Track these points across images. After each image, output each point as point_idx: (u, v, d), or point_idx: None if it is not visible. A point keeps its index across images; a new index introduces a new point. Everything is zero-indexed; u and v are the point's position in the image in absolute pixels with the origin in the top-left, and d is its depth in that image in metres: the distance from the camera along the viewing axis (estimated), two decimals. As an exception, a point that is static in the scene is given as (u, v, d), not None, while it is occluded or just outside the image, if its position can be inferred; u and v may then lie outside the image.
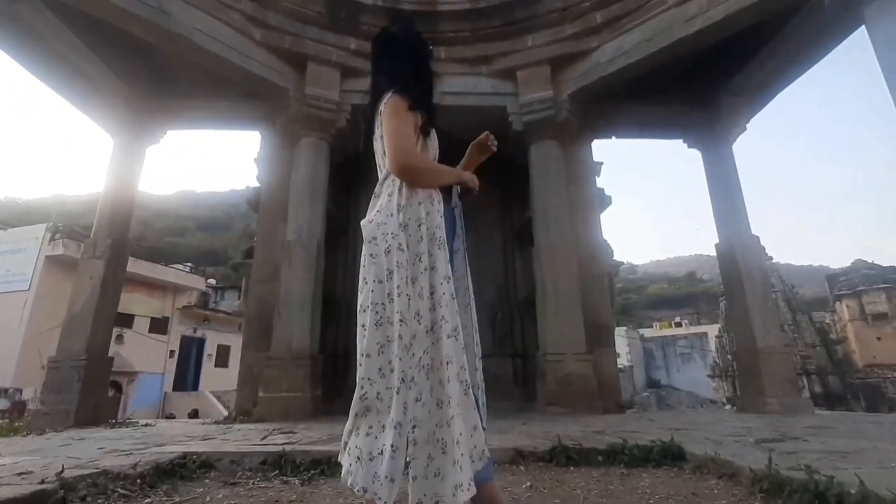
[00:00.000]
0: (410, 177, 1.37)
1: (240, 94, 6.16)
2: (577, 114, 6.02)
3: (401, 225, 1.33)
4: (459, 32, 6.04)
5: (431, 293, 1.28)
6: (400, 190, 1.37)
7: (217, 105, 6.37)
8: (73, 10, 4.96)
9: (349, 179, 6.86)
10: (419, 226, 1.33)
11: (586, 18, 5.68)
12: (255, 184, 6.70)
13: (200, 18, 5.17)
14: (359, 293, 1.38)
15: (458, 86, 5.92)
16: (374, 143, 1.51)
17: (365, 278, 1.36)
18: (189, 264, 26.22)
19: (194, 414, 17.50)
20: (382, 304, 1.31)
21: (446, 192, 1.48)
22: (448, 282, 1.29)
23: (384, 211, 1.38)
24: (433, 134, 1.54)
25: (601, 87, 5.77)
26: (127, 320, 18.71)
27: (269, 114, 6.17)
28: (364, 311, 1.33)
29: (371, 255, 1.37)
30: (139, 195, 6.55)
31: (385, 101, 1.42)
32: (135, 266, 16.70)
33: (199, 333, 22.44)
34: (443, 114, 2.35)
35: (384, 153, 1.43)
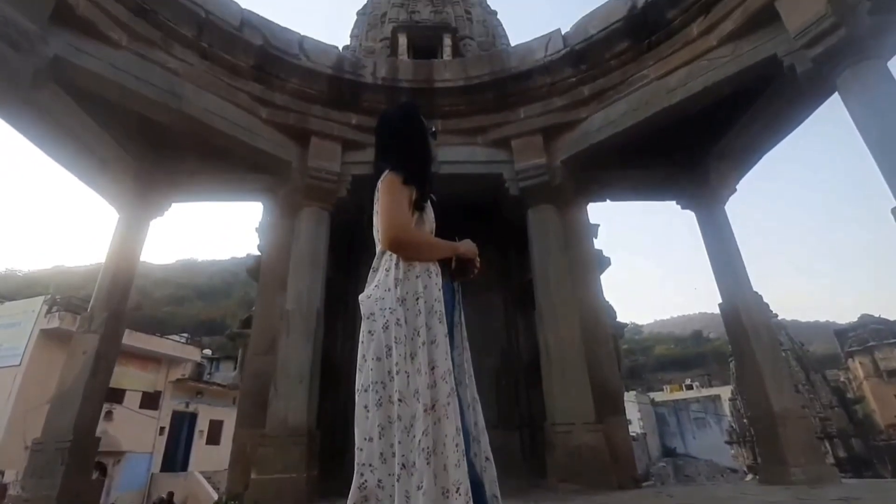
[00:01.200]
0: (403, 251, 1.37)
1: (244, 168, 6.38)
2: (571, 179, 6.21)
3: (399, 299, 1.31)
4: (455, 106, 6.39)
5: (431, 369, 1.24)
6: (397, 264, 1.37)
7: (222, 178, 6.58)
8: (90, 94, 5.27)
9: (349, 246, 6.93)
10: (417, 300, 1.32)
11: (574, 92, 6.03)
12: (256, 252, 6.76)
13: (211, 100, 5.48)
14: (357, 372, 1.33)
15: (455, 155, 6.15)
16: (374, 219, 1.54)
17: (364, 356, 1.32)
18: (185, 335, 25.83)
19: (169, 499, 16.20)
20: (383, 382, 1.26)
21: (445, 264, 1.48)
22: (447, 357, 1.25)
23: (382, 286, 1.37)
24: (429, 208, 1.57)
25: (593, 154, 6.00)
26: (118, 395, 18.07)
27: (273, 185, 6.36)
28: (365, 390, 1.28)
29: (369, 331, 1.34)
30: (140, 265, 6.58)
31: (382, 178, 1.47)
32: (130, 338, 16.43)
33: (191, 408, 21.58)
34: (441, 182, 2.42)
35: (377, 230, 1.45)
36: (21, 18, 4.31)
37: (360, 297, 1.42)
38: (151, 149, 6.53)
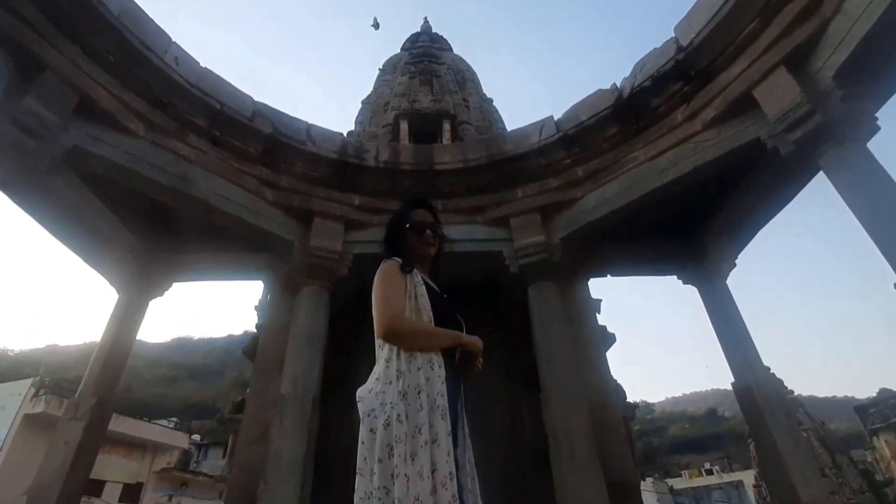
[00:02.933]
0: (399, 341, 1.34)
1: (247, 247, 6.47)
2: (571, 255, 6.26)
3: (400, 393, 1.25)
4: (455, 187, 6.61)
5: (433, 471, 1.14)
6: (398, 355, 1.33)
7: (224, 257, 6.65)
8: (103, 179, 5.47)
9: (349, 327, 6.81)
10: (419, 393, 1.25)
11: (568, 173, 6.27)
12: (253, 329, 6.67)
13: (219, 184, 5.68)
14: (357, 476, 1.23)
15: (455, 234, 6.25)
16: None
17: (366, 458, 1.23)
18: (174, 419, 24.67)
19: None
20: (386, 487, 1.16)
21: (449, 355, 1.43)
22: (449, 457, 1.17)
23: (383, 378, 1.32)
24: (425, 293, 1.55)
25: (590, 231, 6.10)
26: (96, 488, 16.88)
27: (274, 264, 6.41)
28: (368, 498, 1.17)
29: (371, 429, 1.26)
30: (134, 345, 6.45)
31: (383, 262, 1.49)
32: (116, 423, 15.65)
33: (174, 502, 20.03)
34: (442, 261, 2.42)
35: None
36: (46, 112, 4.57)
37: (359, 392, 1.35)
38: (156, 229, 6.66)
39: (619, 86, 5.97)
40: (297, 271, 6.06)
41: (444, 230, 1.92)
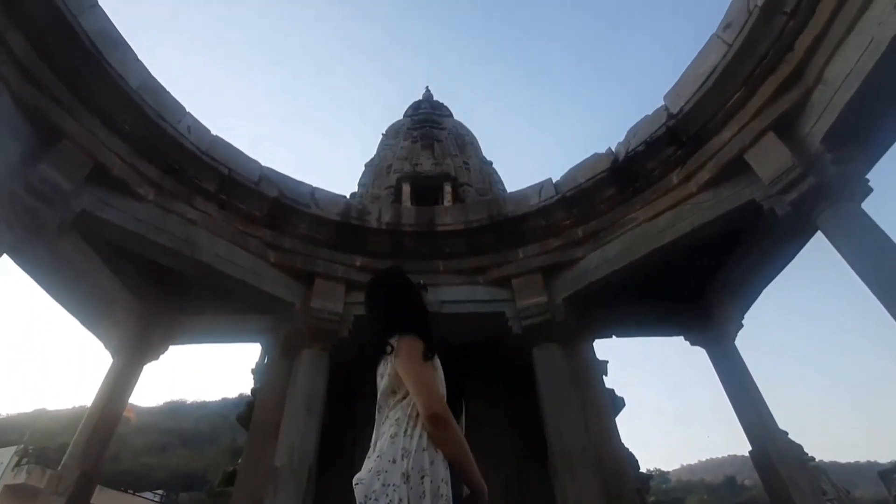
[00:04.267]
0: (440, 430, 1.28)
1: (247, 309, 6.42)
2: (575, 316, 6.18)
3: (403, 475, 1.17)
4: (456, 248, 6.66)
5: None
6: (405, 432, 1.26)
7: (223, 319, 6.58)
8: (109, 242, 5.53)
9: (348, 391, 6.61)
10: (422, 478, 1.17)
11: (569, 233, 6.34)
12: (248, 393, 6.46)
13: (223, 246, 5.73)
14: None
15: (457, 295, 6.22)
16: (378, 380, 1.48)
17: None
18: (160, 492, 23.34)
19: None
20: None
21: (458, 481, 1.37)
22: None
23: (385, 456, 1.24)
24: (443, 379, 1.52)
25: (593, 291, 6.07)
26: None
27: (274, 326, 6.33)
28: None
29: None
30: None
31: (396, 340, 1.45)
32: (99, 496, 14.77)
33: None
34: (445, 322, 2.38)
35: (390, 392, 1.40)
36: (59, 178, 4.69)
37: (357, 476, 1.26)
38: (157, 291, 6.64)
39: (614, 150, 6.18)
40: (297, 333, 5.97)
41: (446, 291, 1.89)
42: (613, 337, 6.99)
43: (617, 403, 6.22)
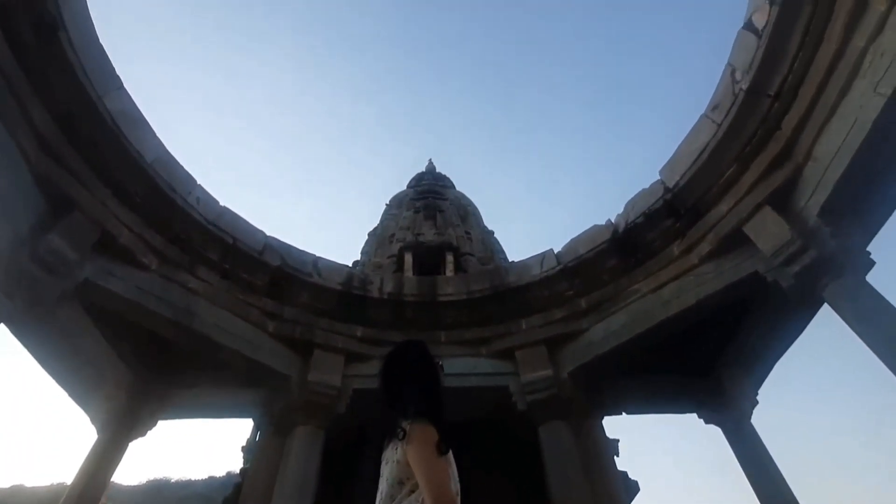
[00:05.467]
0: None
1: (242, 381, 6.21)
2: (582, 391, 5.95)
3: None
4: (458, 318, 6.58)
5: None
6: None
7: (216, 393, 6.35)
8: (108, 312, 5.46)
9: (343, 470, 6.21)
10: None
11: (572, 304, 6.27)
12: (236, 470, 6.07)
13: (222, 316, 5.67)
14: None
15: (459, 367, 6.04)
16: (382, 465, 1.38)
17: None
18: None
19: None
20: None
21: None
22: None
23: None
24: (456, 476, 1.42)
25: (599, 364, 5.90)
26: None
27: (268, 400, 6.08)
28: None
29: None
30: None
31: (409, 424, 1.37)
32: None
33: None
34: (447, 396, 2.25)
35: (397, 482, 1.29)
36: (66, 248, 4.72)
37: None
38: (151, 363, 6.47)
39: (613, 221, 6.28)
40: (291, 409, 5.72)
41: (448, 363, 1.80)
42: (623, 413, 6.68)
43: (630, 487, 5.80)
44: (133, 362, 6.27)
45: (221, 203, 6.19)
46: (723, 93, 5.25)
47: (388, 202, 13.16)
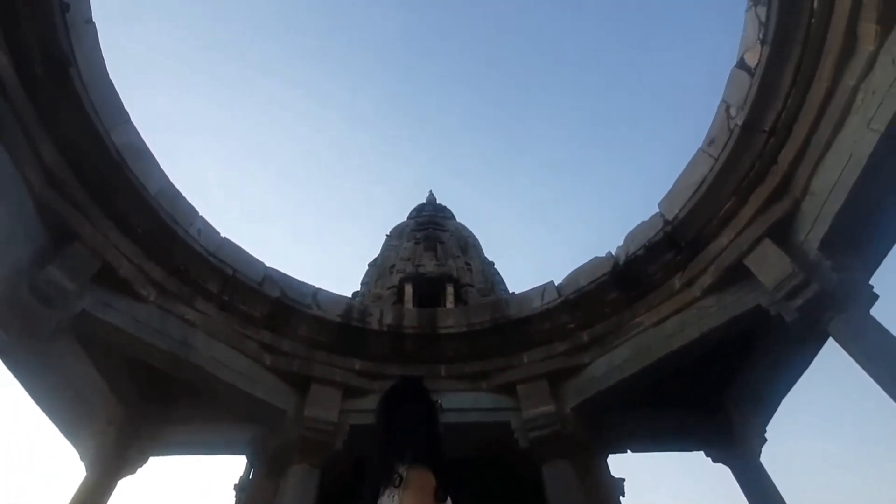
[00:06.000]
0: None
1: (236, 417, 6.06)
2: (585, 427, 5.80)
3: None
4: (458, 351, 6.49)
5: None
6: None
7: (210, 429, 6.19)
8: (103, 344, 5.39)
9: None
10: None
11: (574, 337, 6.19)
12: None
13: (219, 349, 5.59)
14: None
15: (459, 402, 5.91)
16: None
17: None
18: None
19: None
20: None
21: None
22: None
23: None
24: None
25: (603, 400, 5.78)
26: None
27: (263, 437, 5.92)
28: None
29: None
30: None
31: (406, 470, 1.32)
32: None
33: None
34: (447, 433, 2.17)
35: None
36: (65, 279, 4.70)
37: None
38: (144, 398, 6.33)
39: (613, 254, 6.28)
40: (286, 446, 5.55)
41: (449, 398, 1.74)
42: (628, 451, 6.49)
43: (637, 530, 5.57)
44: (126, 397, 6.14)
45: (222, 234, 6.21)
46: (718, 128, 5.35)
47: (388, 233, 13.22)
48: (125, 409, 6.12)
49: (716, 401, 6.33)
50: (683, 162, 5.76)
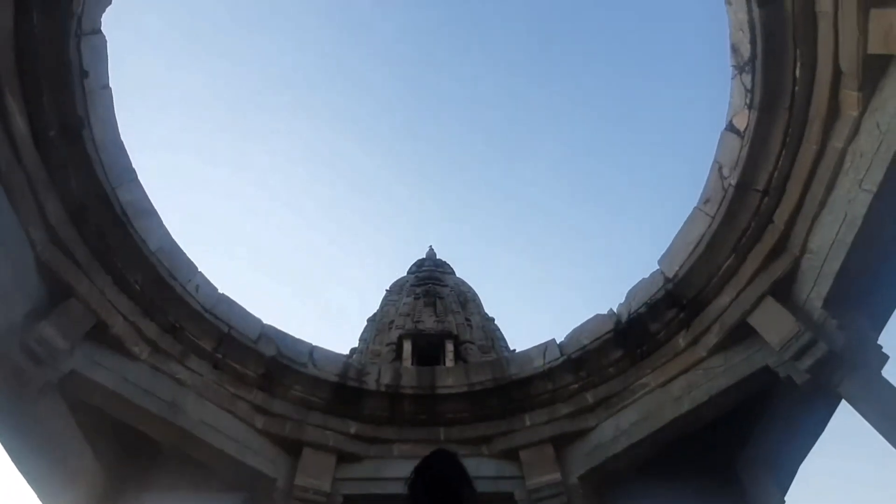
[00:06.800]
0: None
1: (223, 485, 5.72)
2: (594, 498, 5.46)
3: None
4: (459, 413, 6.25)
5: None
6: None
7: (195, 498, 5.81)
8: (89, 404, 5.19)
9: None
10: None
11: (578, 398, 5.97)
12: None
13: (209, 410, 5.40)
14: None
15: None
16: None
17: None
18: None
19: None
20: None
21: None
22: None
23: None
24: None
25: (612, 468, 5.49)
26: None
27: (251, 506, 5.56)
28: None
29: None
30: None
31: None
32: None
33: None
34: None
35: None
36: (57, 337, 4.62)
37: None
38: (129, 459, 6.00)
39: (616, 311, 6.21)
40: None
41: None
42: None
43: None
44: (109, 461, 5.82)
45: (220, 290, 6.18)
46: (712, 187, 5.46)
47: (388, 288, 13.20)
48: (108, 473, 5.78)
49: (729, 467, 5.99)
50: (680, 218, 5.84)
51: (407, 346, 9.24)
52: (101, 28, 4.87)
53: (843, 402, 4.84)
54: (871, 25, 3.64)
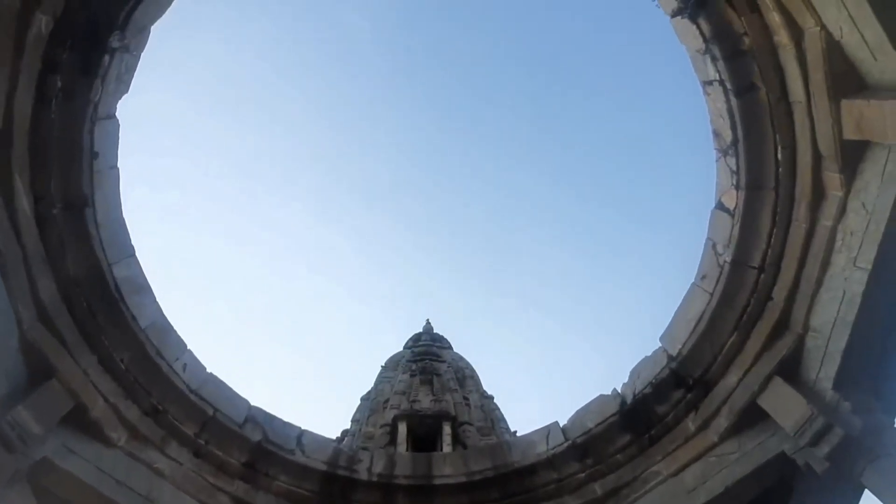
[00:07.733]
0: None
1: None
2: None
3: None
4: (457, 506, 5.78)
5: None
6: None
7: None
8: (55, 497, 4.79)
9: None
10: None
11: (585, 490, 5.55)
12: None
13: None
14: None
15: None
16: None
17: None
18: None
19: None
20: None
21: None
22: None
23: None
24: None
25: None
26: None
27: None
28: None
29: None
30: None
31: None
32: None
33: None
34: None
35: None
36: (32, 422, 4.35)
37: None
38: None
39: (620, 391, 5.97)
40: None
41: None
42: None
43: None
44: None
45: (209, 369, 5.97)
46: (708, 264, 5.49)
47: (383, 363, 12.85)
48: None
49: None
50: (676, 293, 5.82)
51: (402, 429, 8.77)
52: (116, 113, 5.14)
53: (867, 493, 4.54)
54: (842, 113, 3.87)
